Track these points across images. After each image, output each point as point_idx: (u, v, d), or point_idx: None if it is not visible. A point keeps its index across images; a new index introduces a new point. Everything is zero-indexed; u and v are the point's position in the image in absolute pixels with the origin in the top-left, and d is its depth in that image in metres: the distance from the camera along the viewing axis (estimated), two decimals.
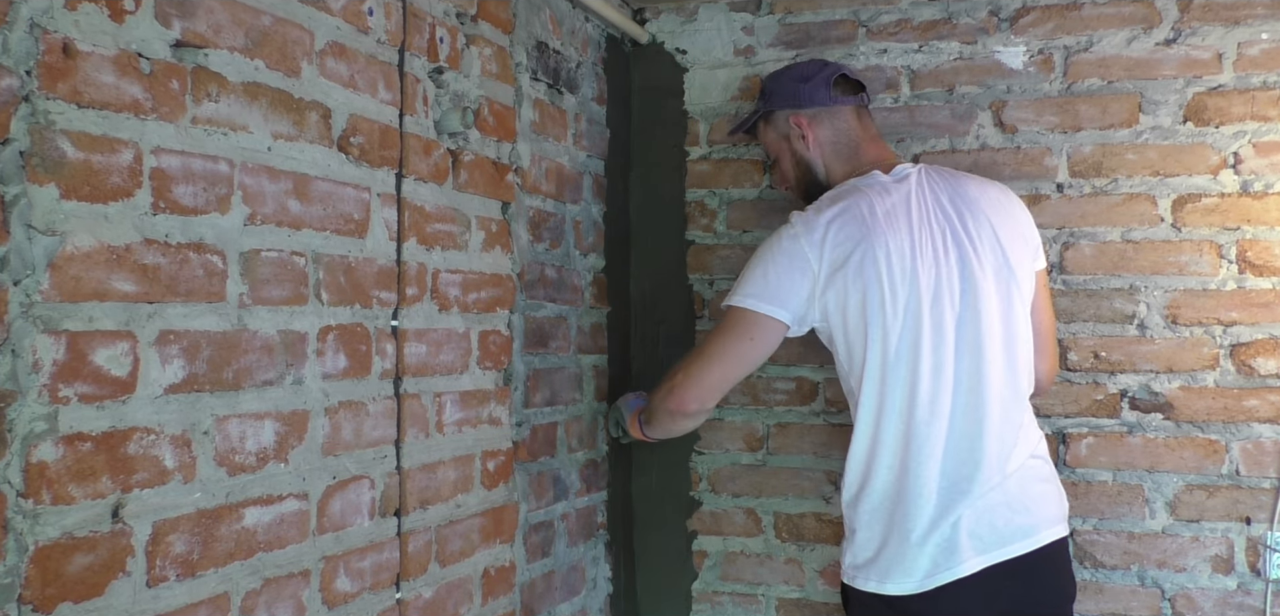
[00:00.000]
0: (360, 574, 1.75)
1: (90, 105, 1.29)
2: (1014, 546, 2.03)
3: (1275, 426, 2.38)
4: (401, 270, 1.87)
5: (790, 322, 2.12)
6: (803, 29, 2.71)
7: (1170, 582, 2.43)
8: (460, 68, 2.05)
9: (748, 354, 2.15)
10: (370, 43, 1.79)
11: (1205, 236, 2.43)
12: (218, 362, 1.47)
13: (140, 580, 1.35)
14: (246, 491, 1.52)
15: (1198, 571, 2.41)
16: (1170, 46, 2.45)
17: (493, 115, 2.17)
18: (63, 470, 1.25)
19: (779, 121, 2.37)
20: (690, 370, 2.21)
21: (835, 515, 2.67)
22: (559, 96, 2.47)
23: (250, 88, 1.53)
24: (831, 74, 2.33)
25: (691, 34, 2.80)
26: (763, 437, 2.74)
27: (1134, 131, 2.48)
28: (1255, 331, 2.39)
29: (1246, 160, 2.41)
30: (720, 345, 2.16)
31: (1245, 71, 2.41)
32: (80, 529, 1.27)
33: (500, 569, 2.18)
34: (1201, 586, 2.41)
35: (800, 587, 2.70)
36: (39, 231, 1.23)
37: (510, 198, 2.23)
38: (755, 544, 2.72)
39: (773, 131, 2.40)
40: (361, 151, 1.77)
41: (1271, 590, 2.37)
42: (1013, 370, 2.08)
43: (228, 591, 1.49)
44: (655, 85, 2.83)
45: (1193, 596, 2.41)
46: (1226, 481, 2.41)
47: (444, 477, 1.98)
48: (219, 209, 1.48)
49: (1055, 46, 2.53)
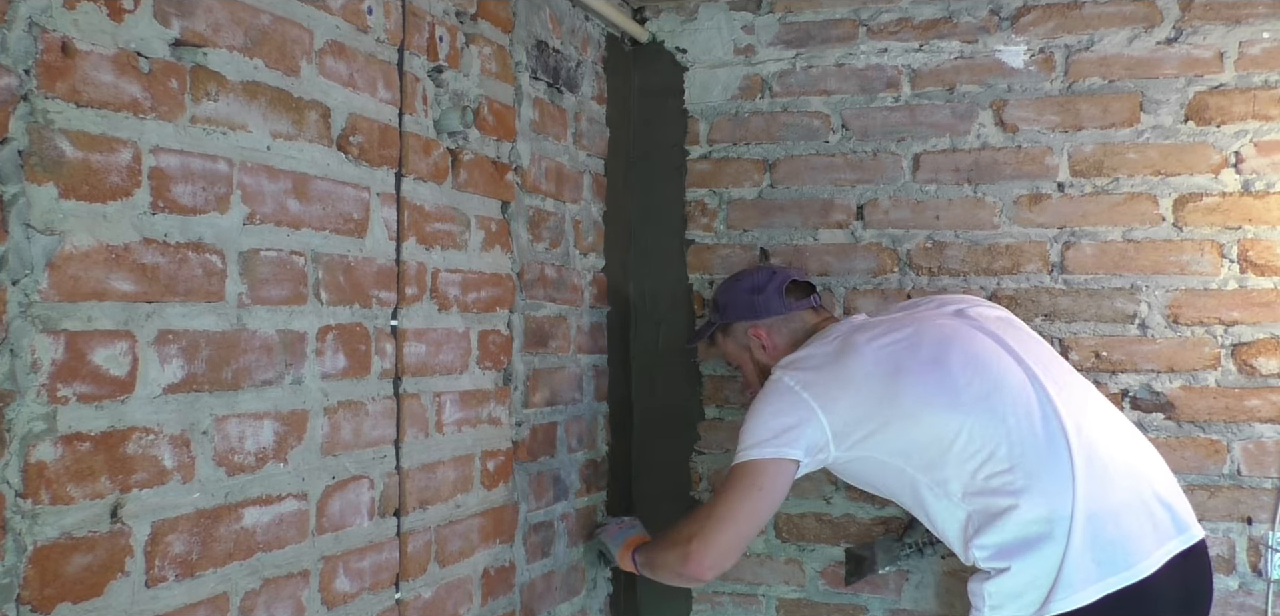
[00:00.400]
0: (359, 574, 1.75)
1: (89, 104, 1.29)
2: None
3: (1277, 426, 2.38)
4: (401, 269, 1.86)
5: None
6: (803, 28, 2.71)
7: None
8: (460, 67, 2.05)
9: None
10: (369, 42, 1.79)
11: (1206, 236, 2.43)
12: (217, 362, 1.47)
13: (139, 580, 1.35)
14: (245, 491, 1.52)
15: None
16: (1171, 45, 2.45)
17: (492, 114, 2.16)
18: (61, 470, 1.25)
19: (737, 333, 2.40)
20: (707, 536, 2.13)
21: (835, 515, 2.66)
22: (559, 95, 2.46)
23: (249, 87, 1.53)
24: (782, 282, 2.36)
25: (691, 33, 2.79)
26: None
27: (1135, 131, 2.47)
28: (1257, 331, 2.39)
29: (1248, 159, 2.40)
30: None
31: (1247, 70, 2.41)
32: (79, 529, 1.27)
33: (500, 569, 2.18)
34: None
35: (800, 587, 2.70)
36: (38, 231, 1.22)
37: (510, 197, 2.23)
38: (755, 544, 2.72)
39: (731, 343, 2.43)
40: (361, 151, 1.76)
41: (1273, 590, 2.36)
42: None
43: (227, 591, 1.48)
44: (655, 84, 2.83)
45: None
46: (1228, 481, 2.40)
47: (443, 477, 1.98)
48: (218, 208, 1.47)
49: (1056, 45, 2.52)
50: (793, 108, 2.72)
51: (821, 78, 2.69)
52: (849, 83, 2.67)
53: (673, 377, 2.80)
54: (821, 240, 2.68)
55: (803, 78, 2.71)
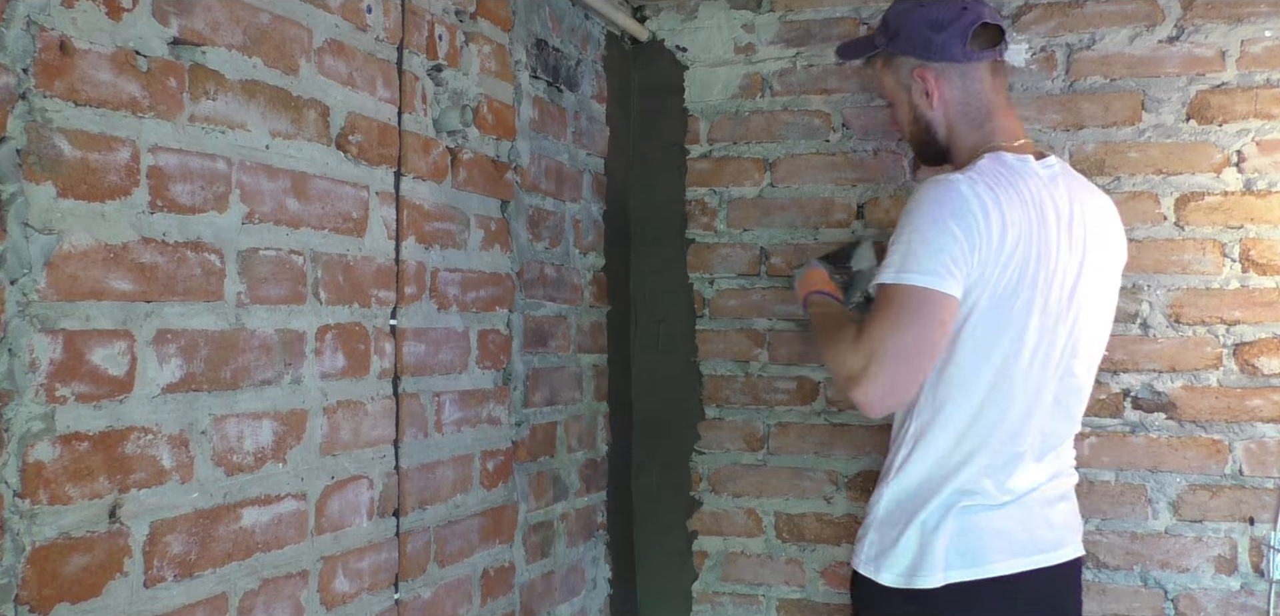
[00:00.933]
0: (358, 574, 1.74)
1: (87, 103, 1.28)
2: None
3: (1279, 426, 2.37)
4: (400, 269, 1.86)
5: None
6: (803, 27, 2.70)
7: (1173, 583, 2.42)
8: (459, 65, 2.04)
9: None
10: (369, 40, 1.78)
11: (1208, 235, 2.42)
12: (215, 362, 1.46)
13: (138, 580, 1.34)
14: (244, 491, 1.51)
15: (1201, 572, 2.40)
16: (1173, 44, 2.44)
17: (492, 113, 2.16)
18: (60, 470, 1.24)
19: (901, 69, 2.06)
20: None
21: (836, 515, 2.66)
22: (559, 94, 2.46)
23: (248, 85, 1.52)
24: (969, 22, 1.97)
25: (692, 32, 2.78)
26: (763, 437, 2.73)
27: (1136, 129, 2.47)
28: (1259, 331, 2.38)
29: (1250, 158, 2.40)
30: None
31: (1248, 69, 2.40)
32: (77, 529, 1.26)
33: (499, 569, 2.17)
34: (1205, 587, 2.40)
35: (801, 588, 2.69)
36: (36, 230, 1.22)
37: (509, 196, 2.22)
38: (756, 544, 2.71)
39: (891, 77, 2.09)
40: (360, 149, 1.76)
41: (1275, 591, 2.36)
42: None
43: (225, 592, 1.48)
44: (655, 83, 2.82)
45: (1196, 597, 2.40)
46: (1230, 481, 2.40)
47: (443, 478, 1.97)
48: (217, 207, 1.47)
49: (1057, 44, 2.52)
50: (793, 107, 2.71)
51: (822, 77, 2.69)
52: (849, 82, 2.67)
53: (673, 377, 2.79)
54: (822, 238, 2.67)
55: (803, 76, 2.70)
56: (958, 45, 1.97)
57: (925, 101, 2.03)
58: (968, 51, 1.98)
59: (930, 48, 1.99)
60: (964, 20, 1.97)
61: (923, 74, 2.01)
